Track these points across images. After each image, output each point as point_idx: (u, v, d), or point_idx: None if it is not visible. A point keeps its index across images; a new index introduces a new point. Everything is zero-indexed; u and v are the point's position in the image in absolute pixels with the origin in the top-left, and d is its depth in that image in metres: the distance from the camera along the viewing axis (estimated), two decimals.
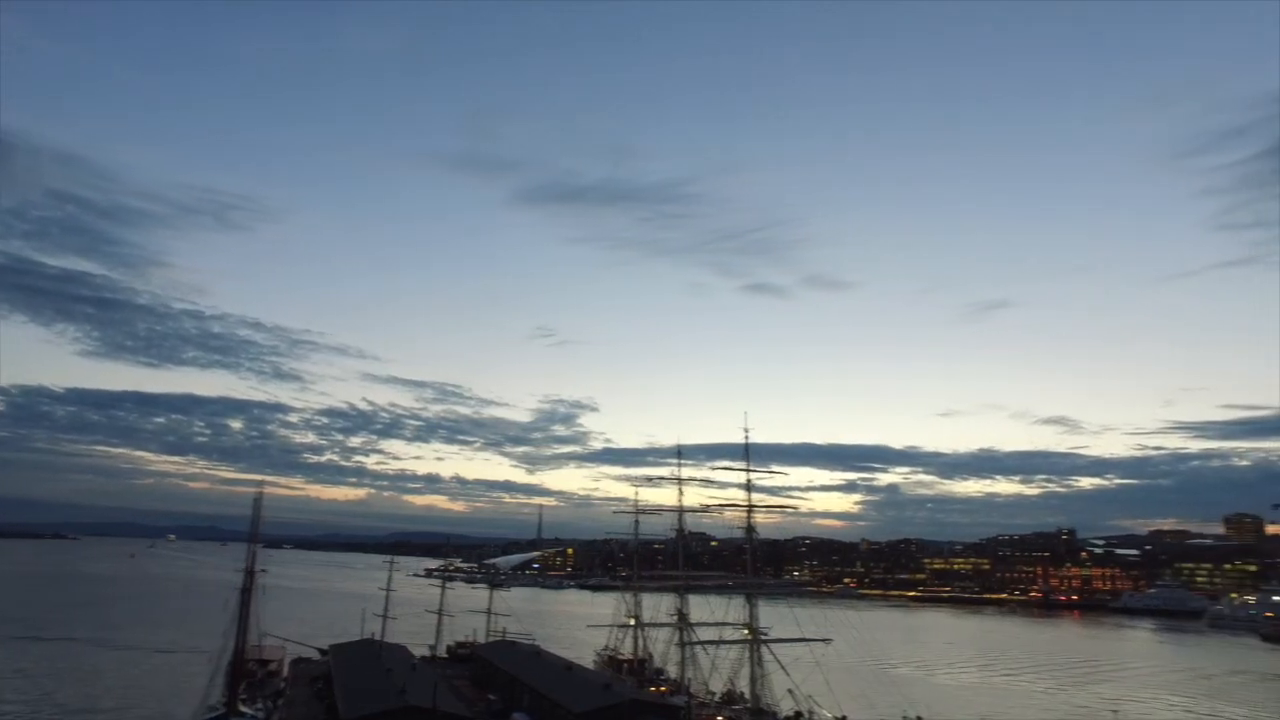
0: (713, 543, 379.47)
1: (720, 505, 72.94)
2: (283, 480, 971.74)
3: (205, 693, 54.96)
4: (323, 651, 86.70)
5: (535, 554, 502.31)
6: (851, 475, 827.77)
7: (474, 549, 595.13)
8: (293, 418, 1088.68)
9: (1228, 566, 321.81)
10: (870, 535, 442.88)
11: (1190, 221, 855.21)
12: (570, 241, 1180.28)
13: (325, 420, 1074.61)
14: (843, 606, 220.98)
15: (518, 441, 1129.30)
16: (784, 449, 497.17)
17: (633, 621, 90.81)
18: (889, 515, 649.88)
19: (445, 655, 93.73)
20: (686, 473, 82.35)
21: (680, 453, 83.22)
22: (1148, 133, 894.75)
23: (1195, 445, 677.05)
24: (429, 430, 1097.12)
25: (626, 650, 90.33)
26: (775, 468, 72.23)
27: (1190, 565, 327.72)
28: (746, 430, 68.20)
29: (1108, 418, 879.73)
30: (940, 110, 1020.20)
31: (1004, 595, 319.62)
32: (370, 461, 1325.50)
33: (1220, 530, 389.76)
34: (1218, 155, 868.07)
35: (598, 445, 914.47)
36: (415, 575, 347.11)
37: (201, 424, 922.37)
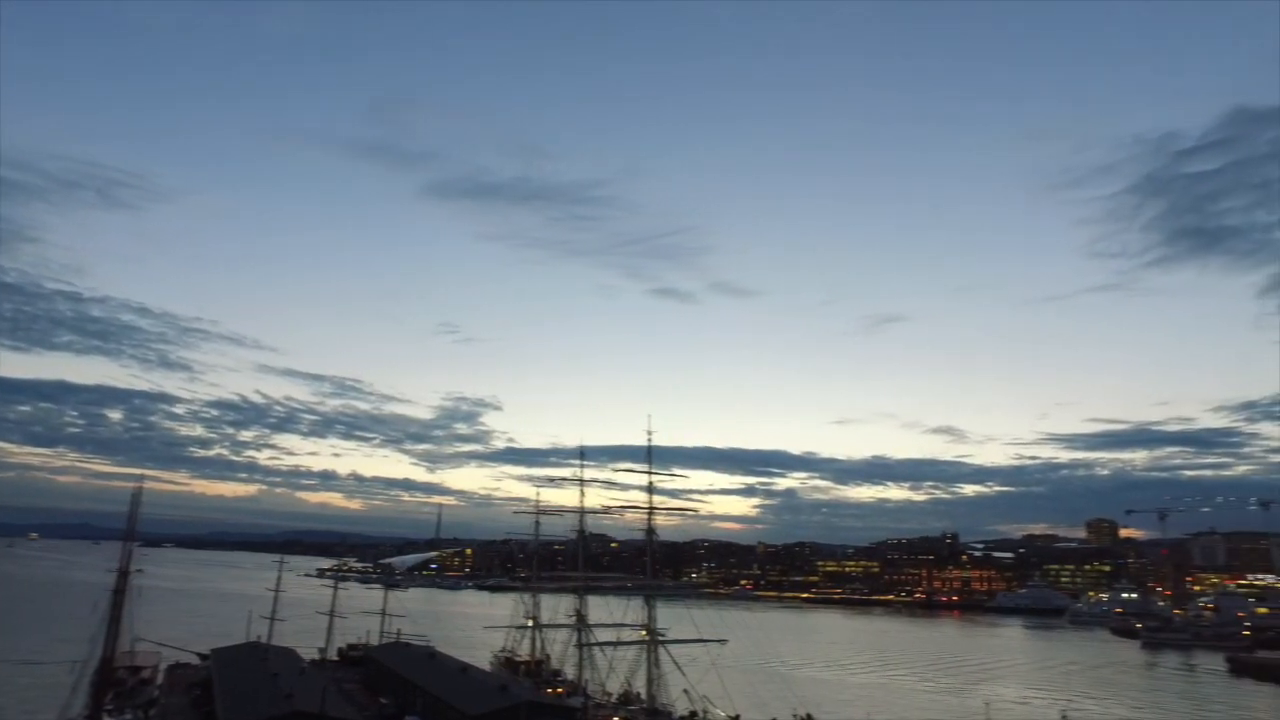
0: (613, 544, 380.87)
1: (622, 507, 73.91)
2: (166, 475, 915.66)
3: (65, 704, 49.74)
4: (203, 656, 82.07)
5: (433, 554, 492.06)
6: (751, 479, 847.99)
7: (370, 548, 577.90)
8: (179, 409, 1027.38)
9: (1087, 567, 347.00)
10: (767, 538, 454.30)
11: (1065, 249, 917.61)
12: (479, 238, 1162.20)
13: (215, 413, 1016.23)
14: (739, 608, 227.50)
15: (418, 439, 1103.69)
16: (686, 452, 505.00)
17: (531, 623, 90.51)
18: (786, 519, 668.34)
19: (336, 658, 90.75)
20: (589, 474, 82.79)
21: (583, 454, 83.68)
22: (1029, 166, 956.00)
23: (1065, 455, 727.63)
24: (326, 425, 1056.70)
25: (524, 652, 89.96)
26: (677, 471, 73.90)
27: (1057, 566, 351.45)
28: (649, 433, 69.36)
29: (990, 429, 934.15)
30: (845, 131, 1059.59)
31: (891, 596, 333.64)
32: (263, 457, 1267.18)
33: (1083, 534, 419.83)
34: (1090, 189, 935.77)
35: (500, 444, 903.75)
36: (307, 575, 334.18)
37: (75, 414, 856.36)
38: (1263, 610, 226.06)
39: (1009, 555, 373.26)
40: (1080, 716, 77.08)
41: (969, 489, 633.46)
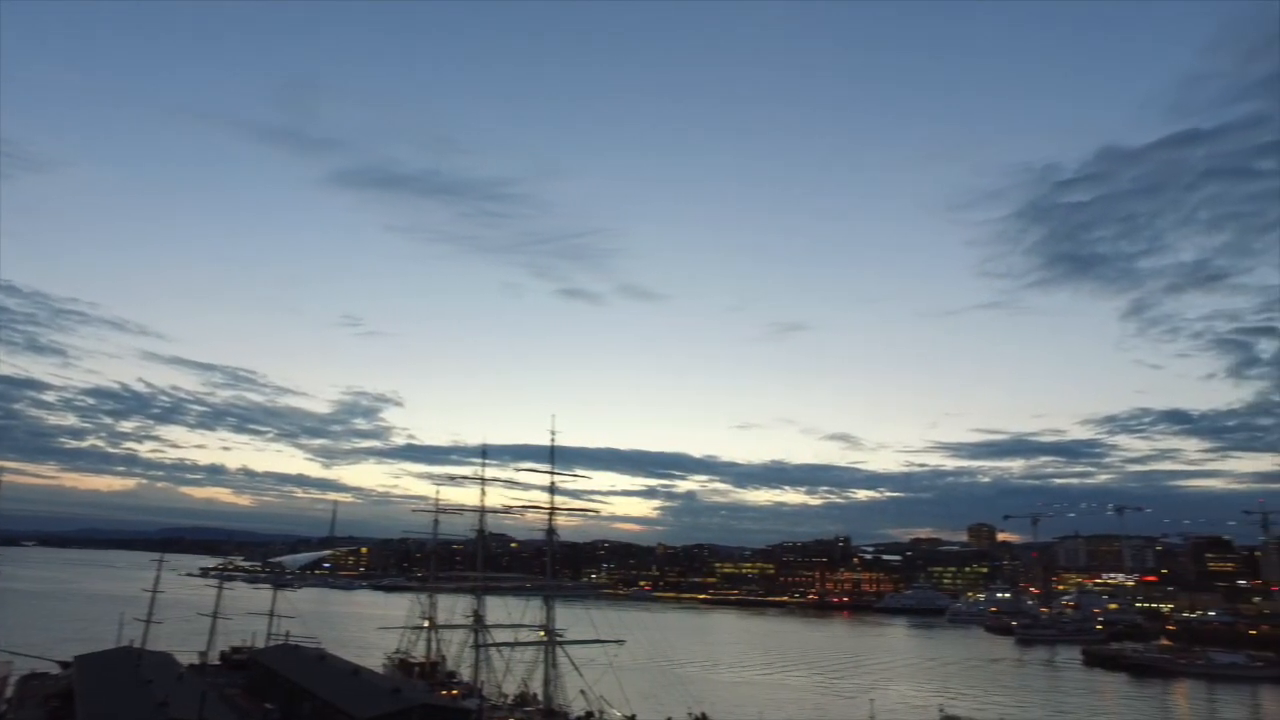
0: (513, 544, 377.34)
1: (523, 507, 73.71)
2: (30, 467, 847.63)
3: None
4: (65, 664, 76.70)
5: (327, 553, 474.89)
6: (652, 481, 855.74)
7: (259, 547, 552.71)
8: (49, 396, 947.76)
9: (968, 569, 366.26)
10: (667, 540, 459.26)
11: (957, 267, 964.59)
12: (385, 230, 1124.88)
13: (91, 401, 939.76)
14: (638, 609, 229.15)
15: (314, 433, 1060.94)
16: (588, 453, 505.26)
17: (427, 624, 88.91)
18: (685, 521, 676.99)
19: (218, 662, 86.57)
20: (490, 473, 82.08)
21: (485, 452, 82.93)
22: (929, 186, 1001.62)
23: (951, 463, 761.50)
24: (215, 417, 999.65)
25: (419, 653, 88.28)
26: (579, 471, 74.41)
27: (940, 569, 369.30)
28: (553, 433, 69.43)
29: (883, 436, 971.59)
30: (757, 142, 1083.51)
31: (786, 597, 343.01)
32: (144, 449, 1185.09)
33: (965, 538, 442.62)
34: (981, 212, 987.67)
35: (400, 441, 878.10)
36: (190, 575, 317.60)
37: None
38: (1114, 606, 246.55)
39: (897, 558, 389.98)
40: (956, 709, 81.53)
41: (862, 494, 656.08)
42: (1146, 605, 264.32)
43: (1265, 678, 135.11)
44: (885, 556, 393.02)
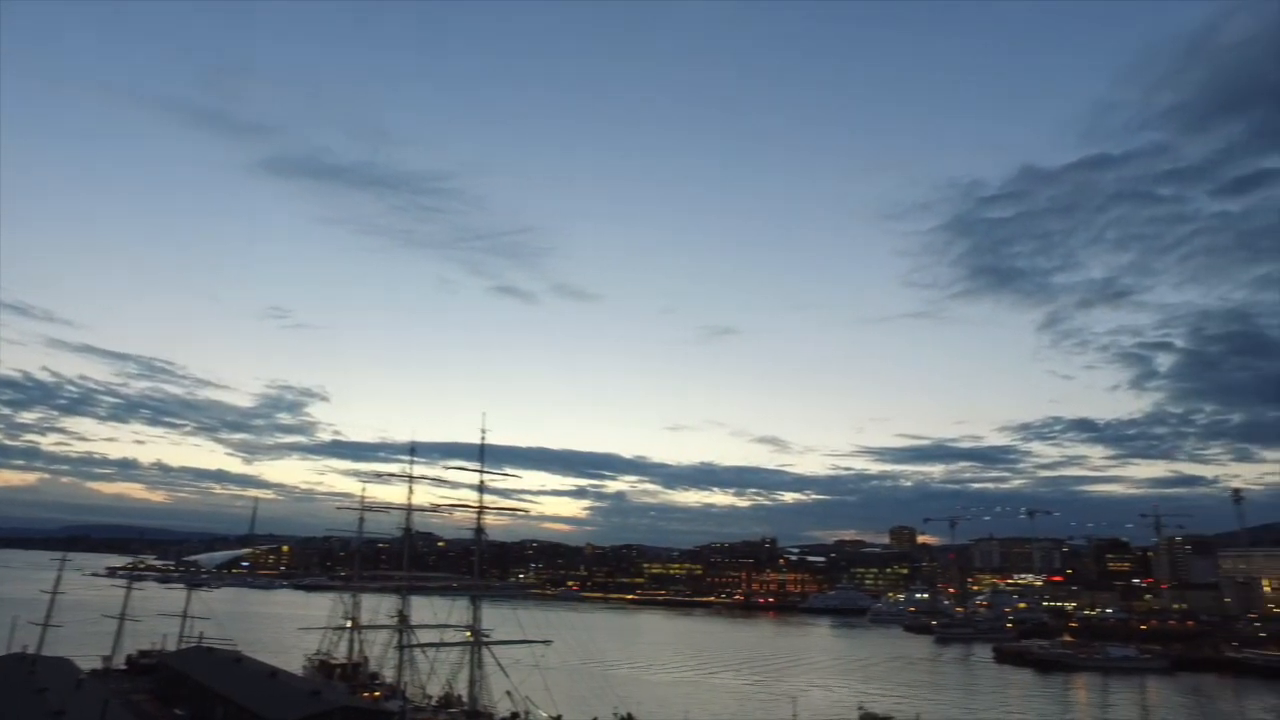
0: (440, 543, 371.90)
1: (451, 506, 72.75)
2: None
3: None
4: None
5: (246, 551, 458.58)
6: (582, 481, 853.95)
7: (173, 545, 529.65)
8: None
9: (889, 570, 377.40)
10: (596, 540, 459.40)
11: (886, 276, 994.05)
12: (316, 221, 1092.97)
13: None
14: (565, 609, 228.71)
15: (236, 428, 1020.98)
16: (519, 452, 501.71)
17: (350, 624, 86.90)
18: (615, 521, 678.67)
19: (124, 667, 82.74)
20: (419, 471, 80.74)
21: (414, 450, 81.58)
22: (860, 196, 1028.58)
23: (875, 467, 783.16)
24: (129, 409, 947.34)
25: (341, 654, 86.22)
26: (509, 470, 73.91)
27: (863, 570, 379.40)
28: (483, 431, 68.82)
29: (810, 440, 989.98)
30: (693, 146, 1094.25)
31: (713, 598, 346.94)
32: (46, 442, 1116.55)
33: (887, 540, 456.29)
34: (910, 223, 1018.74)
35: (326, 437, 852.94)
36: (96, 575, 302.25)
37: None
38: (1023, 605, 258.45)
39: (822, 559, 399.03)
40: (875, 706, 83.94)
41: (789, 496, 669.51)
42: (1053, 604, 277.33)
43: (1153, 669, 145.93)
44: (810, 558, 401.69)
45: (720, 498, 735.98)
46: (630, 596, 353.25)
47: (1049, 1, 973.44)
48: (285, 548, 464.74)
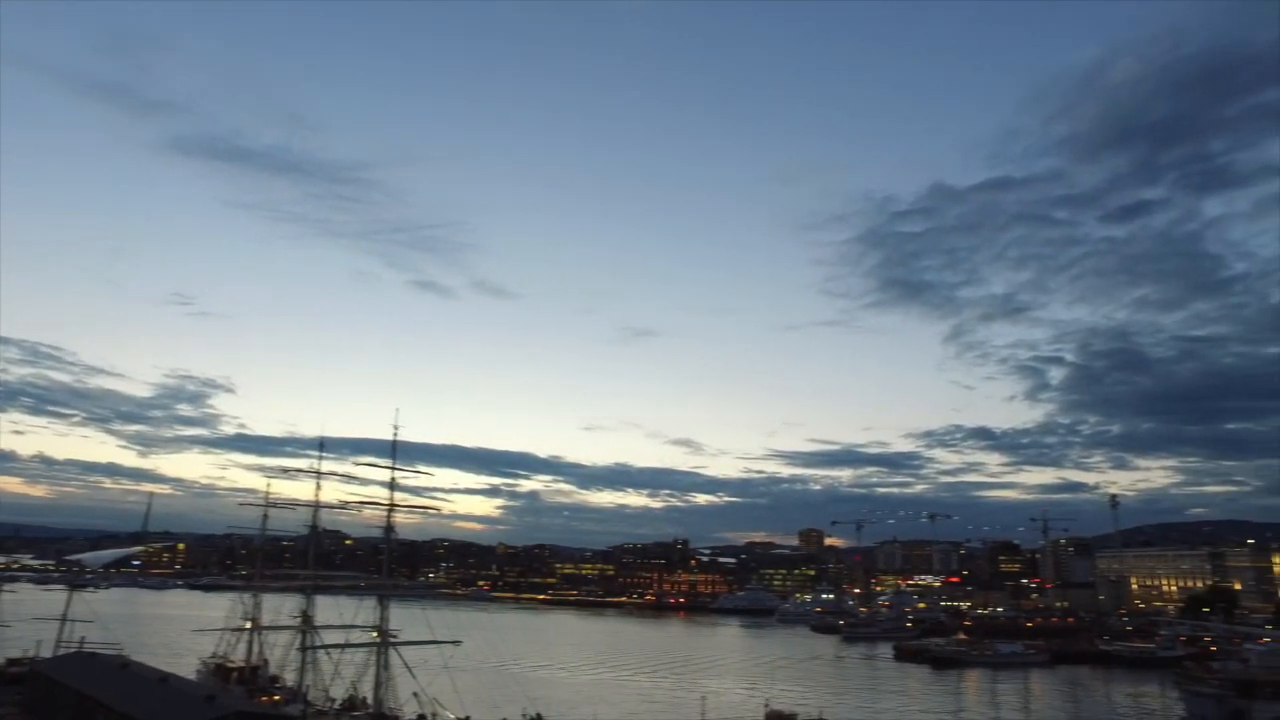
0: (348, 541, 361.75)
1: (360, 503, 70.94)
2: None
3: None
4: None
5: (138, 549, 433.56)
6: (496, 480, 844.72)
7: (53, 543, 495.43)
8: None
9: (797, 572, 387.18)
10: (508, 539, 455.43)
11: (802, 284, 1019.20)
12: (225, 205, 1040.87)
13: None
14: (476, 609, 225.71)
15: (130, 419, 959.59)
16: (432, 449, 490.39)
17: (249, 625, 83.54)
18: (528, 521, 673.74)
19: None
20: (328, 466, 78.26)
21: (323, 445, 79.19)
22: (779, 205, 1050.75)
23: (786, 471, 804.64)
24: (8, 397, 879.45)
25: (239, 657, 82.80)
26: (421, 468, 72.15)
27: (772, 571, 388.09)
28: (396, 427, 67.32)
29: (724, 443, 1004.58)
30: (617, 149, 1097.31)
31: (624, 598, 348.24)
32: None
33: (796, 542, 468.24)
34: (827, 233, 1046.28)
35: (229, 430, 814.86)
36: None
37: None
38: (922, 605, 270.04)
39: (732, 560, 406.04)
40: (781, 703, 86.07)
41: (702, 498, 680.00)
42: (950, 604, 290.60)
43: (1036, 663, 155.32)
44: (721, 559, 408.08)
45: (634, 499, 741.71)
46: (542, 597, 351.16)
47: (962, 29, 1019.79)
48: (181, 545, 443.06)
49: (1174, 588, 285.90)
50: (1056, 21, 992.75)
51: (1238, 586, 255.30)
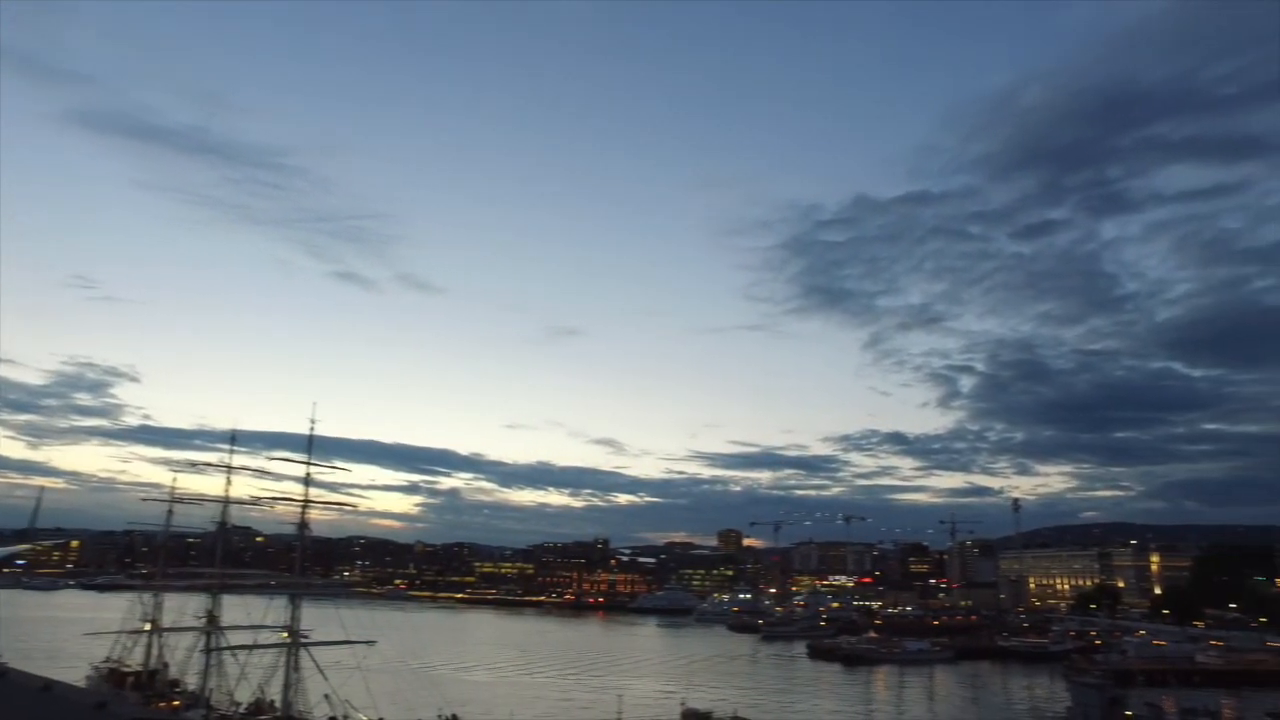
0: (259, 538, 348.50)
1: (273, 498, 68.70)
2: None
3: None
4: None
5: (23, 547, 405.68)
6: (415, 477, 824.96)
7: None
8: None
9: (715, 572, 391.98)
10: (427, 538, 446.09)
11: (726, 288, 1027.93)
12: (135, 185, 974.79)
13: None
14: (392, 608, 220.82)
15: (21, 408, 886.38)
16: (350, 445, 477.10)
17: (149, 627, 79.51)
18: (447, 519, 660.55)
19: None
20: (240, 461, 75.14)
21: (234, 438, 75.87)
22: (705, 210, 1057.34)
23: (707, 472, 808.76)
24: None
25: (137, 661, 78.72)
26: (338, 463, 70.33)
27: (691, 571, 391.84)
28: (313, 421, 65.42)
29: (647, 443, 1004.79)
30: (547, 146, 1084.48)
31: (543, 598, 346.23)
32: None
33: (715, 542, 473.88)
34: (751, 239, 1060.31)
35: (133, 421, 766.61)
36: None
37: None
38: (836, 605, 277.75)
39: (652, 560, 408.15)
40: (697, 701, 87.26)
41: (623, 498, 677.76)
42: (862, 603, 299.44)
43: (940, 660, 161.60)
44: (641, 559, 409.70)
45: (556, 497, 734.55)
46: (460, 596, 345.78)
47: (885, 49, 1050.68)
48: (75, 543, 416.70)
49: (1066, 586, 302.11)
50: (974, 47, 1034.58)
51: (1121, 584, 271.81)
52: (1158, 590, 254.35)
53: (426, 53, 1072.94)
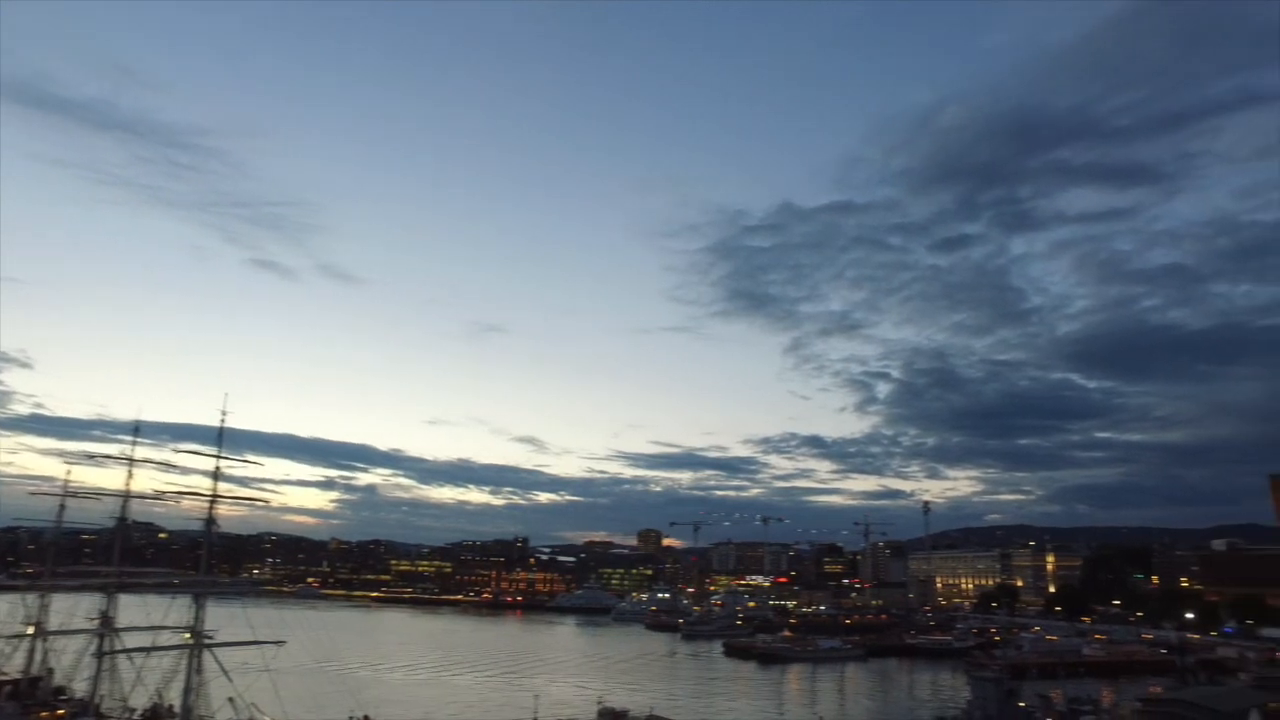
0: (161, 535, 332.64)
1: (179, 493, 65.53)
2: None
3: None
4: None
5: None
6: (332, 472, 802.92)
7: None
8: None
9: (634, 571, 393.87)
10: (342, 534, 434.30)
11: (653, 290, 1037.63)
12: (33, 159, 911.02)
13: None
14: (304, 607, 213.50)
15: None
16: (264, 438, 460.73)
17: (31, 630, 74.71)
18: (364, 515, 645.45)
19: None
20: (143, 453, 71.47)
21: (138, 429, 72.16)
22: (635, 211, 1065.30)
23: (629, 472, 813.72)
24: None
25: (16, 668, 73.82)
26: (251, 457, 67.61)
27: (610, 570, 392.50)
28: (224, 413, 62.76)
29: (569, 442, 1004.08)
30: (474, 140, 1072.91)
31: (461, 596, 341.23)
32: None
33: (635, 542, 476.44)
34: (679, 242, 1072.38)
35: (23, 409, 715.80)
36: None
37: None
38: (753, 604, 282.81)
39: (572, 559, 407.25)
40: (613, 700, 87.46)
41: (544, 496, 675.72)
42: (778, 603, 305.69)
43: (852, 657, 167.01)
44: (561, 558, 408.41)
45: (476, 495, 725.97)
46: (375, 594, 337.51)
47: (816, 61, 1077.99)
48: None
49: (971, 586, 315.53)
50: (901, 65, 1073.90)
51: (1020, 583, 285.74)
52: (1052, 589, 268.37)
53: (355, 38, 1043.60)
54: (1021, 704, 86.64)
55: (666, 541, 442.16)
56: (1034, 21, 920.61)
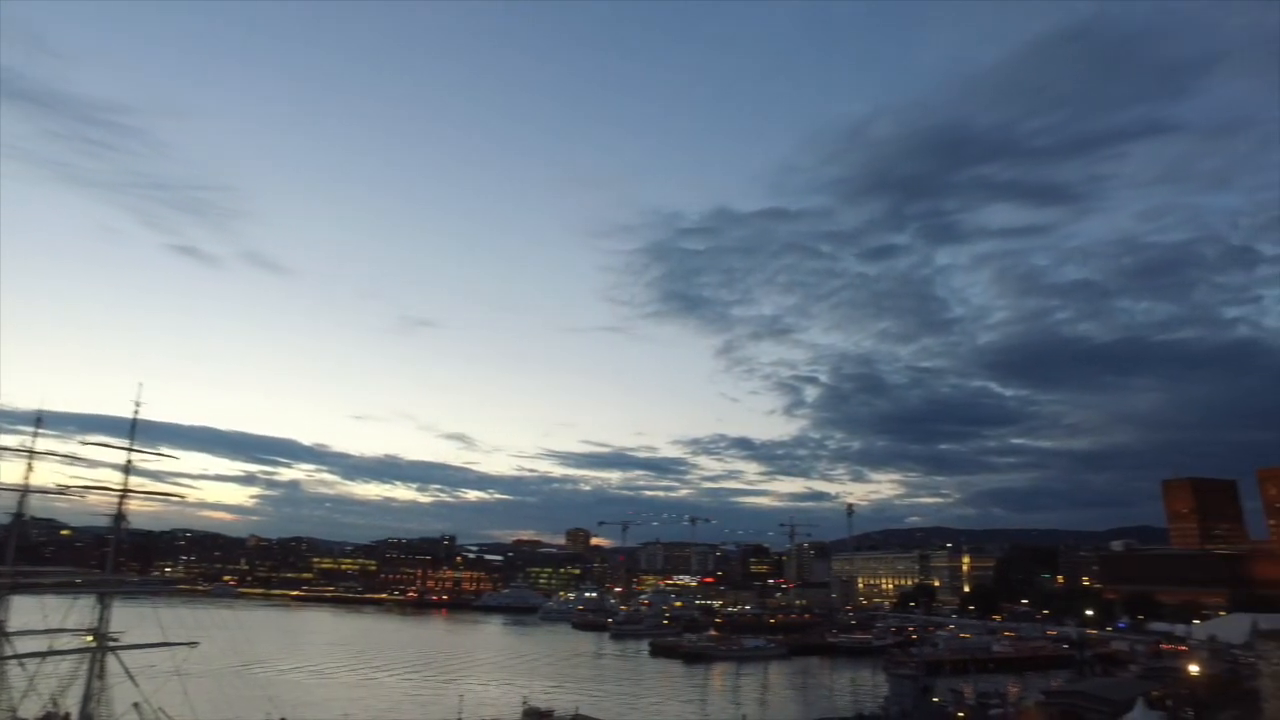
0: (64, 531, 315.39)
1: (84, 487, 62.31)
2: None
3: None
4: None
5: None
6: (253, 467, 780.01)
7: None
8: None
9: (563, 570, 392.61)
10: (262, 531, 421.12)
11: (588, 289, 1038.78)
12: None
13: None
14: (219, 606, 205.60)
15: None
16: (180, 430, 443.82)
17: None
18: (285, 512, 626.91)
19: None
20: (45, 445, 67.58)
21: (40, 419, 68.30)
22: (571, 210, 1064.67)
23: (559, 471, 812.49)
24: None
25: None
26: (165, 450, 64.82)
27: (538, 569, 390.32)
28: (137, 404, 60.02)
29: (499, 440, 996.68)
30: (407, 131, 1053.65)
31: (385, 595, 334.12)
32: None
33: (563, 541, 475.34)
34: (615, 242, 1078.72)
35: None
36: None
37: None
38: (679, 604, 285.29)
39: (499, 558, 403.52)
40: (538, 700, 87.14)
41: (472, 494, 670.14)
42: (705, 602, 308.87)
43: (775, 655, 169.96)
44: (488, 556, 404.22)
45: (403, 492, 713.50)
46: (295, 593, 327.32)
47: (754, 69, 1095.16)
48: None
49: (891, 586, 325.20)
50: (836, 76, 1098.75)
51: (937, 583, 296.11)
52: (967, 588, 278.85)
53: (287, 19, 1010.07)
54: (936, 699, 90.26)
55: (595, 541, 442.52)
56: (961, 42, 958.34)
